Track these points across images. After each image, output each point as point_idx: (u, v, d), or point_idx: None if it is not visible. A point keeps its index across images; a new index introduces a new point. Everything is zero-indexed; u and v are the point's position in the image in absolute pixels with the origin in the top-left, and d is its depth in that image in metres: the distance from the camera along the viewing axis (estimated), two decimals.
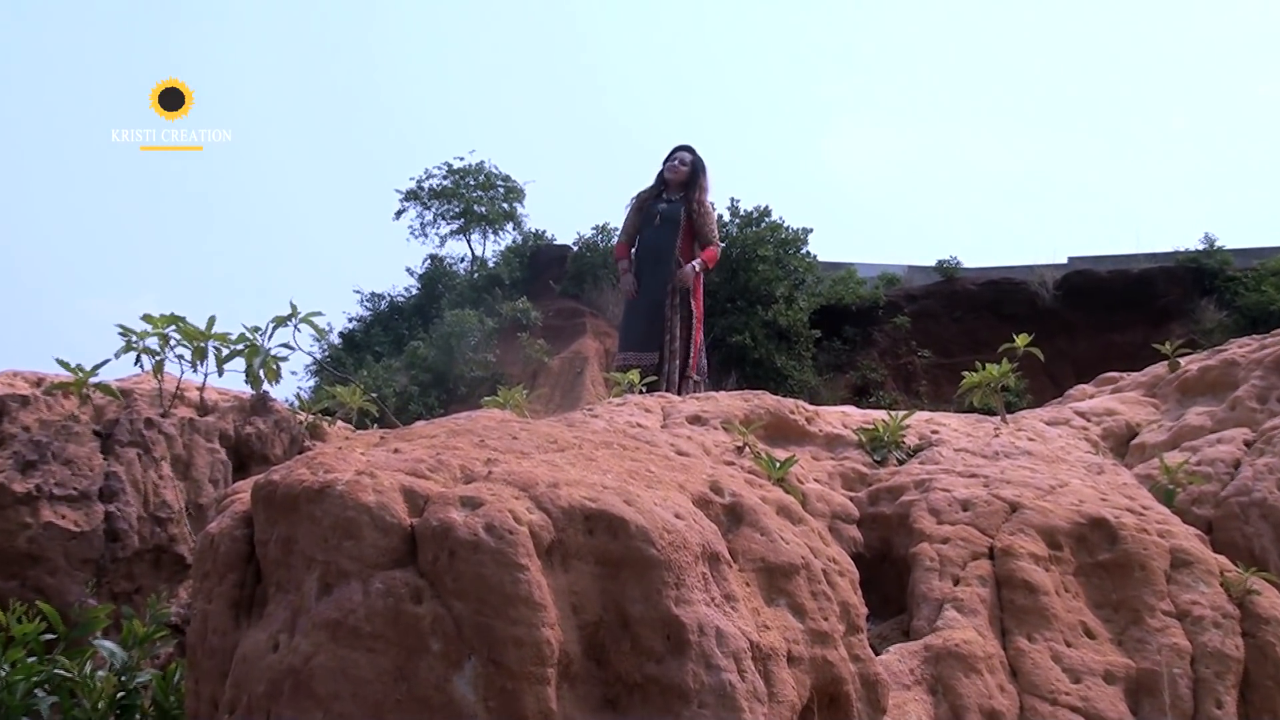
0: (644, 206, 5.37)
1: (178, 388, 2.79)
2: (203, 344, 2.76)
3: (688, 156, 5.37)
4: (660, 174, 5.40)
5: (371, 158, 44.49)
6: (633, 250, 5.42)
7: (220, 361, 2.79)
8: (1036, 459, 2.72)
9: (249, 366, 2.79)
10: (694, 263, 5.14)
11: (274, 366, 2.81)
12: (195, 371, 2.79)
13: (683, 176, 5.30)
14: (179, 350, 2.75)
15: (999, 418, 3.27)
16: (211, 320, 2.74)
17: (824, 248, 18.09)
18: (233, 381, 3.01)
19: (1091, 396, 3.87)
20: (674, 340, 5.05)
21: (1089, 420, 3.43)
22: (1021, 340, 3.30)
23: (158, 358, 2.73)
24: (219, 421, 2.74)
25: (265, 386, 2.83)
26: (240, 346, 2.79)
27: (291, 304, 2.86)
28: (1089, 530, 2.25)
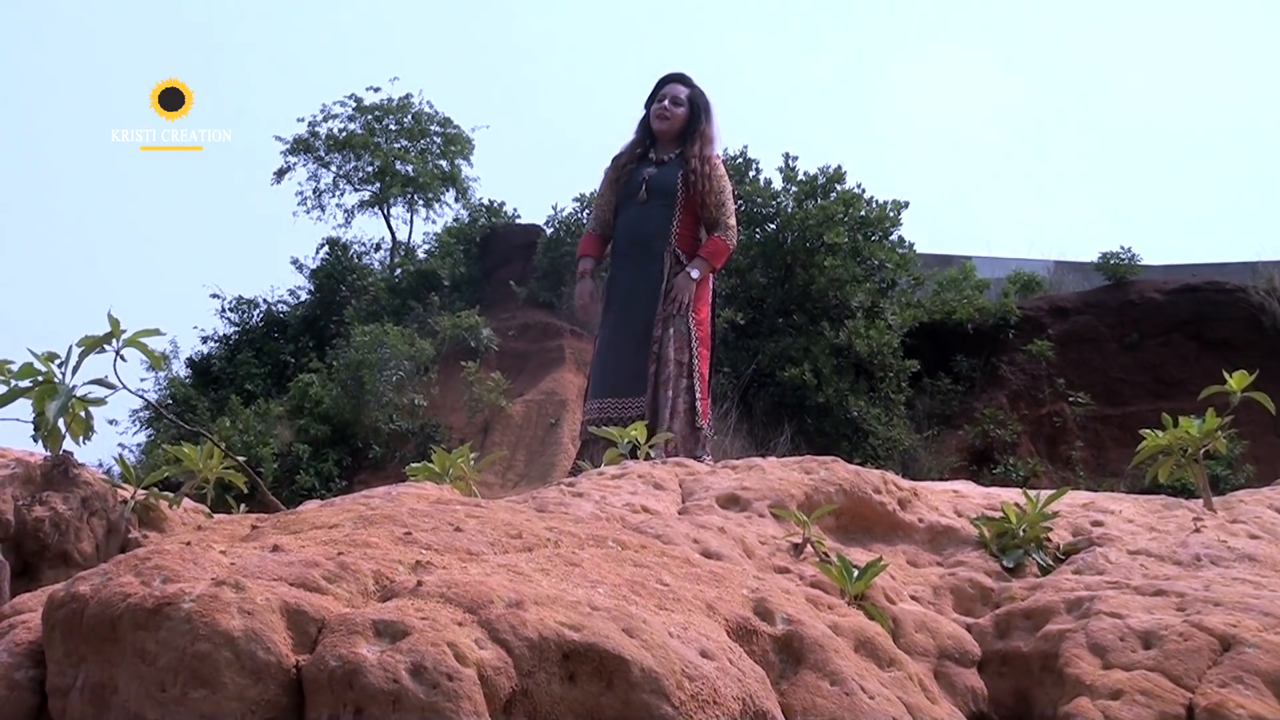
0: (623, 173, 5.34)
1: None
2: None
3: (682, 91, 5.31)
4: (644, 121, 5.38)
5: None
6: (610, 242, 5.41)
7: None
8: (1263, 567, 2.71)
9: (40, 414, 2.78)
10: (691, 267, 5.10)
11: (82, 414, 2.81)
12: None
13: (678, 124, 5.26)
14: None
15: (1201, 502, 3.26)
16: None
17: (923, 233, 18.23)
18: (14, 437, 3.00)
19: None
20: (672, 376, 5.00)
21: None
22: (1238, 380, 3.28)
23: None
24: None
25: (68, 445, 2.83)
26: (26, 383, 2.78)
27: (111, 317, 2.86)
28: None
